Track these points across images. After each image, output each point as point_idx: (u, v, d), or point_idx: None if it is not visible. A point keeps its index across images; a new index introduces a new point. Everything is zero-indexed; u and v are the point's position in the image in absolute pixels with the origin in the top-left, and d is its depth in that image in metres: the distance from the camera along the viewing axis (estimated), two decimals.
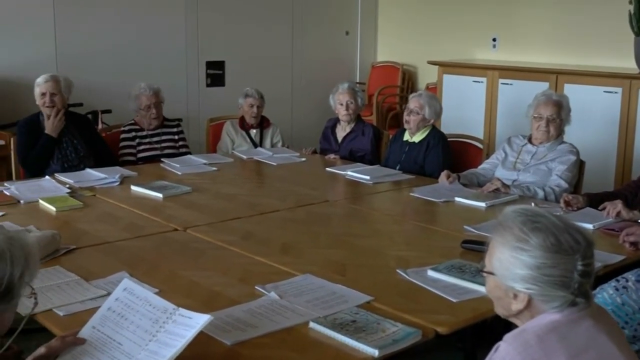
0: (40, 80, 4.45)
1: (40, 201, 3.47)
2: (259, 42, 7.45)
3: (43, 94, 4.39)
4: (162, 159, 4.61)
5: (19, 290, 1.60)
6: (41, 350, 1.86)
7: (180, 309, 1.90)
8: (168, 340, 1.81)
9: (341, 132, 5.03)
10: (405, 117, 4.54)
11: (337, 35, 8.14)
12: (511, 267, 1.62)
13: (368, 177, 4.14)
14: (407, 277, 2.55)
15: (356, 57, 8.31)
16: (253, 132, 5.28)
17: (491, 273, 1.69)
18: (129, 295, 1.98)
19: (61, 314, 2.19)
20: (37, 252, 1.68)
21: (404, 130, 4.62)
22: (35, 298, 1.71)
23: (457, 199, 3.68)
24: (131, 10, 6.55)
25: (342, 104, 4.94)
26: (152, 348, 1.81)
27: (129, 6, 6.53)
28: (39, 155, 4.31)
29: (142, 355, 1.81)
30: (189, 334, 1.80)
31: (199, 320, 1.84)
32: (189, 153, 4.94)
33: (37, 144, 4.38)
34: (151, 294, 1.98)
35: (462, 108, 6.53)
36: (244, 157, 4.82)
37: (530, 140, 4.13)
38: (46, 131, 4.36)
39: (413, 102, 4.52)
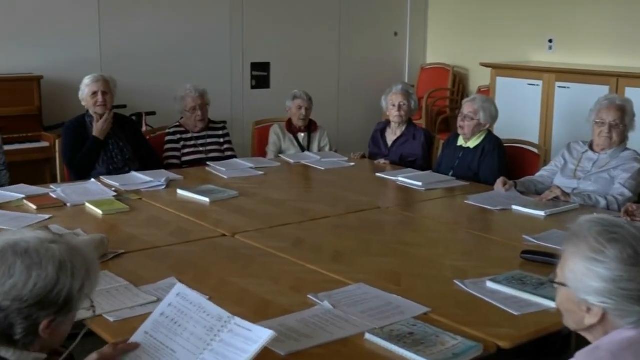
0: (89, 79, 4.51)
1: (87, 204, 3.52)
2: (305, 43, 7.47)
3: (94, 93, 4.45)
4: (207, 163, 4.64)
5: (77, 303, 1.61)
6: (93, 357, 1.88)
7: (235, 317, 1.89)
8: (226, 352, 1.80)
9: (391, 135, 5.01)
10: (460, 122, 4.50)
11: (386, 36, 8.12)
12: (585, 279, 1.59)
13: (420, 183, 4.11)
14: (465, 288, 2.52)
15: (405, 58, 8.28)
16: (301, 135, 5.29)
17: (563, 284, 1.66)
18: (182, 300, 1.98)
19: (112, 319, 2.21)
20: (98, 263, 1.68)
21: (458, 134, 4.58)
22: (94, 311, 1.72)
23: (514, 207, 3.62)
24: (176, 11, 6.62)
25: (394, 105, 4.91)
26: (208, 358, 1.81)
27: (173, 7, 6.61)
28: (85, 157, 4.37)
29: None
30: (251, 350, 1.78)
31: (261, 335, 1.81)
32: (235, 156, 4.96)
33: (83, 146, 4.44)
34: (205, 300, 1.98)
35: (516, 112, 6.44)
36: (291, 161, 4.82)
37: (591, 146, 4.05)
38: (94, 133, 4.42)
39: (467, 107, 4.47)
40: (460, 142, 4.55)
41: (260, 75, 7.26)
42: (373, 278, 2.59)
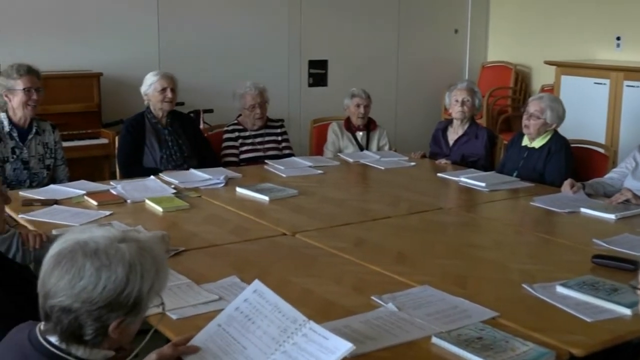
0: (157, 75, 4.57)
1: (147, 201, 3.55)
2: (363, 40, 7.44)
3: (164, 89, 4.51)
4: (265, 161, 4.65)
5: (147, 303, 1.62)
6: (152, 357, 1.88)
7: (311, 322, 1.87)
8: (300, 357, 1.79)
9: (453, 135, 4.95)
10: (525, 121, 4.42)
11: (446, 33, 8.04)
12: None
13: (483, 184, 4.05)
14: (534, 292, 2.47)
15: (465, 56, 8.19)
16: (359, 134, 5.27)
17: None
18: (259, 298, 1.97)
19: (174, 317, 2.22)
20: (166, 262, 1.69)
21: (522, 134, 4.51)
22: (164, 309, 1.73)
23: (582, 209, 3.55)
24: (234, 8, 6.66)
25: (457, 101, 4.85)
26: None
27: (231, 4, 6.65)
28: (140, 174, 4.28)
29: None
30: None
31: (339, 346, 1.78)
32: (292, 155, 4.97)
33: (140, 144, 4.49)
34: (281, 300, 1.96)
35: (582, 112, 6.30)
36: (350, 160, 4.81)
37: None
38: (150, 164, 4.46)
39: (533, 106, 4.39)
40: (525, 142, 4.48)
41: (318, 73, 7.25)
42: (438, 280, 2.56)
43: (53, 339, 1.56)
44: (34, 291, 2.09)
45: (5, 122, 4.04)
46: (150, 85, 4.52)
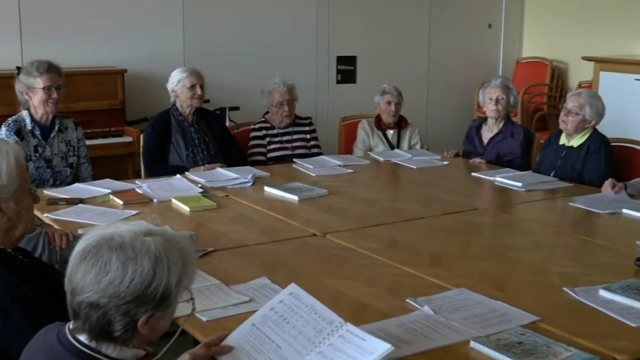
0: (185, 72, 4.59)
1: (174, 200, 3.57)
2: (394, 35, 7.42)
3: (193, 86, 4.53)
4: (294, 159, 4.66)
5: (175, 297, 1.62)
6: (185, 357, 1.89)
7: (348, 324, 1.87)
8: (337, 358, 1.79)
9: (487, 133, 4.92)
10: (562, 117, 4.38)
11: (479, 28, 8.00)
12: None
13: (520, 184, 4.02)
14: (575, 296, 2.44)
15: (499, 52, 8.14)
16: (390, 132, 5.25)
17: None
18: (294, 299, 1.98)
19: (204, 319, 2.22)
20: (194, 256, 1.69)
21: (560, 132, 4.47)
22: (193, 304, 1.73)
23: (624, 210, 3.51)
24: (260, 3, 6.68)
25: (491, 99, 4.82)
26: None
27: (258, 0, 6.66)
28: (165, 172, 4.32)
29: None
30: None
31: (376, 347, 1.78)
32: (321, 153, 4.98)
33: (165, 142, 4.51)
34: (318, 302, 1.96)
35: (622, 109, 6.22)
36: (381, 159, 4.80)
37: None
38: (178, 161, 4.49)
39: (571, 101, 4.35)
40: (563, 140, 4.44)
41: (346, 70, 7.25)
42: (475, 283, 2.54)
43: (82, 338, 1.57)
44: (61, 291, 2.12)
45: (27, 120, 4.07)
46: (178, 81, 4.54)
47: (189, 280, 1.65)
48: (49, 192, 3.68)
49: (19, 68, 4.41)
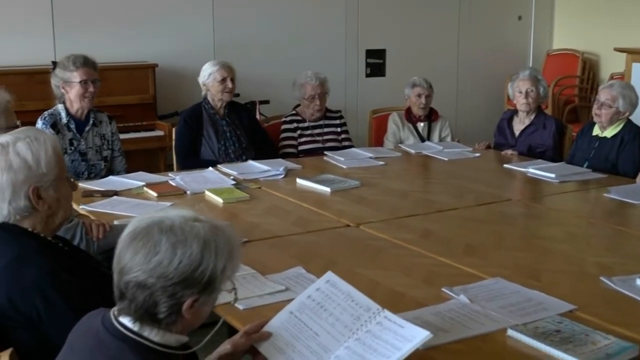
0: (217, 65, 4.62)
1: (207, 192, 3.60)
2: (423, 28, 7.40)
3: (224, 79, 4.56)
4: (325, 152, 4.67)
5: (220, 284, 1.64)
6: (227, 347, 1.90)
7: (385, 310, 1.88)
8: (375, 344, 1.80)
9: (519, 125, 4.90)
10: (596, 110, 4.35)
11: (508, 20, 7.95)
12: None
13: (553, 175, 4.00)
14: (613, 286, 2.43)
15: (529, 44, 8.08)
16: (420, 125, 5.24)
17: None
18: (331, 287, 1.99)
19: (241, 307, 2.24)
20: (240, 245, 1.71)
21: (593, 123, 4.44)
22: (236, 293, 1.75)
23: None
24: None
25: (521, 92, 4.80)
26: (355, 348, 1.80)
27: None
28: (197, 166, 4.33)
29: (342, 352, 1.81)
30: (405, 348, 1.75)
31: (415, 334, 1.78)
32: (352, 146, 4.98)
33: (197, 136, 4.55)
34: (355, 290, 1.97)
35: None
36: (412, 151, 4.80)
37: None
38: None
39: (604, 94, 4.32)
40: (596, 131, 4.41)
41: (375, 63, 7.24)
42: (510, 273, 2.54)
43: (126, 320, 1.59)
44: (100, 279, 2.15)
45: (63, 114, 4.12)
46: (209, 75, 4.57)
47: (233, 267, 1.66)
48: (84, 185, 3.72)
49: (54, 63, 4.46)
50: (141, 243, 1.56)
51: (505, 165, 4.37)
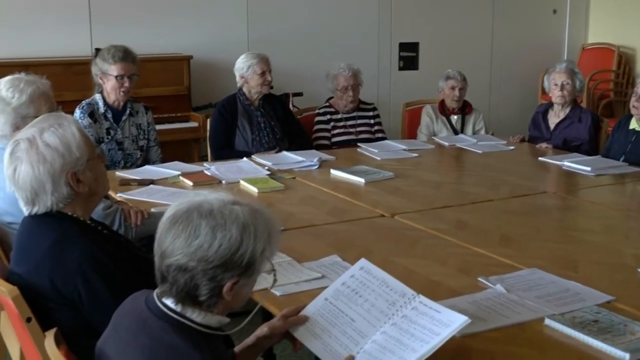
0: (255, 57, 4.64)
1: (242, 182, 3.62)
2: (456, 22, 7.37)
3: (263, 72, 4.59)
4: (358, 144, 4.67)
5: (259, 266, 1.65)
6: (264, 330, 1.93)
7: (420, 296, 1.89)
8: (412, 329, 1.80)
9: (554, 118, 4.86)
10: (634, 102, 4.30)
11: (543, 14, 7.88)
12: None
13: (589, 169, 3.97)
14: None
15: (564, 38, 8.01)
16: (454, 118, 5.23)
17: None
18: (365, 274, 2.00)
19: (277, 293, 2.26)
20: (279, 227, 1.72)
21: (630, 117, 4.40)
22: (275, 275, 1.76)
23: None
24: None
25: (557, 84, 4.77)
26: (392, 333, 1.81)
27: None
28: (231, 156, 4.39)
29: (379, 337, 1.82)
30: (443, 333, 1.76)
31: (453, 319, 1.79)
32: (385, 138, 4.98)
33: (231, 126, 4.57)
34: (389, 276, 1.98)
35: None
36: (446, 144, 4.79)
37: None
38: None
39: None
40: (633, 124, 4.37)
41: (408, 56, 7.22)
42: (546, 264, 2.53)
43: (169, 302, 1.61)
44: (141, 264, 2.18)
45: (101, 103, 4.16)
46: (249, 67, 4.59)
47: (272, 250, 1.68)
48: (121, 174, 3.77)
49: (97, 50, 4.49)
50: (181, 227, 1.58)
51: (540, 159, 4.34)
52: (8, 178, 2.07)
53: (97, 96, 4.18)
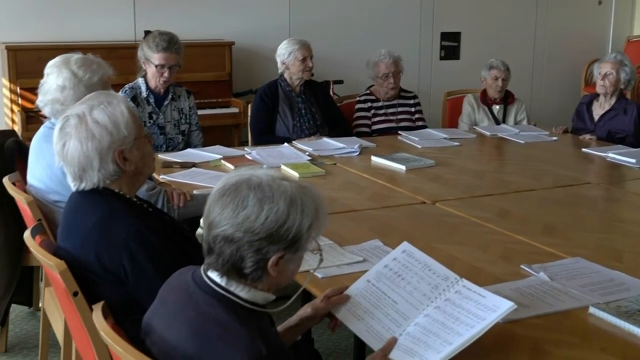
0: (297, 43, 4.66)
1: (283, 167, 3.64)
2: (500, 11, 7.29)
3: (304, 58, 4.61)
4: (398, 132, 4.66)
5: (305, 243, 1.66)
6: (307, 310, 1.94)
7: (463, 279, 1.89)
8: (456, 313, 1.80)
9: (598, 109, 4.81)
10: None
11: (588, 4, 7.77)
12: None
13: (634, 161, 3.93)
14: None
15: (609, 30, 7.89)
16: (496, 107, 5.19)
17: None
18: (408, 257, 2.01)
19: (319, 276, 2.27)
20: (326, 205, 1.73)
21: None
22: (321, 255, 1.77)
23: None
24: None
25: (600, 74, 4.71)
26: (435, 316, 1.81)
27: None
28: (272, 142, 4.39)
29: (422, 320, 1.82)
30: (490, 318, 1.75)
31: (499, 305, 1.78)
32: (425, 127, 4.96)
33: (272, 112, 4.59)
34: (432, 259, 1.98)
35: None
36: (487, 133, 4.76)
37: None
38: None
39: None
40: None
41: (450, 46, 7.17)
42: (590, 253, 2.51)
43: (214, 275, 1.62)
44: (185, 242, 2.20)
45: (143, 88, 4.20)
46: (290, 53, 4.60)
47: (319, 227, 1.68)
48: (164, 157, 3.81)
49: (147, 32, 4.52)
50: (229, 198, 1.59)
51: (583, 150, 4.30)
52: (57, 153, 2.10)
53: (140, 80, 4.22)
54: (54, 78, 2.91)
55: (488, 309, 1.78)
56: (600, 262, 2.42)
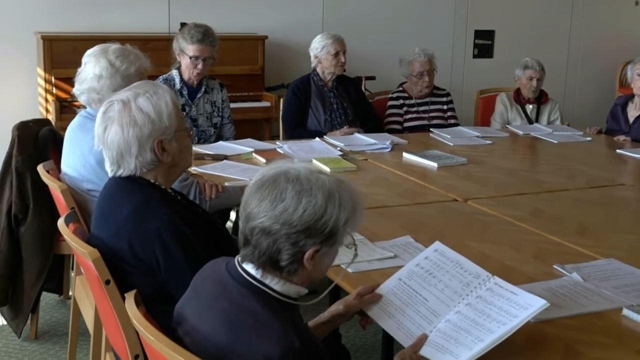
0: (330, 38, 4.65)
1: (314, 161, 3.63)
2: (534, 11, 7.23)
3: (337, 53, 4.61)
4: (430, 129, 4.64)
5: (341, 237, 1.65)
6: (339, 307, 1.94)
7: (495, 277, 1.87)
8: (488, 310, 1.79)
9: (634, 111, 4.75)
10: None
11: (625, 5, 7.68)
12: None
13: None
14: None
15: None
16: (529, 107, 5.15)
17: None
18: (440, 256, 2.00)
19: (350, 270, 2.26)
20: (363, 202, 1.72)
21: None
22: (356, 249, 1.76)
23: None
24: None
25: (638, 75, 4.64)
26: (467, 313, 1.80)
27: None
28: (304, 136, 4.41)
29: (453, 317, 1.81)
30: (522, 316, 1.73)
31: (531, 302, 1.76)
32: (458, 124, 4.93)
33: (304, 106, 4.59)
34: (463, 257, 1.97)
35: None
36: (520, 132, 4.73)
37: None
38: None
39: None
40: None
41: (483, 44, 7.12)
42: (625, 255, 2.48)
43: (250, 267, 1.63)
44: (217, 234, 2.21)
45: (177, 79, 4.22)
46: (323, 47, 4.60)
47: (355, 222, 1.67)
48: (196, 149, 3.81)
49: (182, 24, 4.54)
50: (268, 190, 1.59)
51: (618, 151, 4.27)
52: (98, 136, 2.12)
53: (174, 72, 4.24)
54: (91, 67, 2.94)
55: (520, 306, 1.76)
56: (634, 263, 2.39)
